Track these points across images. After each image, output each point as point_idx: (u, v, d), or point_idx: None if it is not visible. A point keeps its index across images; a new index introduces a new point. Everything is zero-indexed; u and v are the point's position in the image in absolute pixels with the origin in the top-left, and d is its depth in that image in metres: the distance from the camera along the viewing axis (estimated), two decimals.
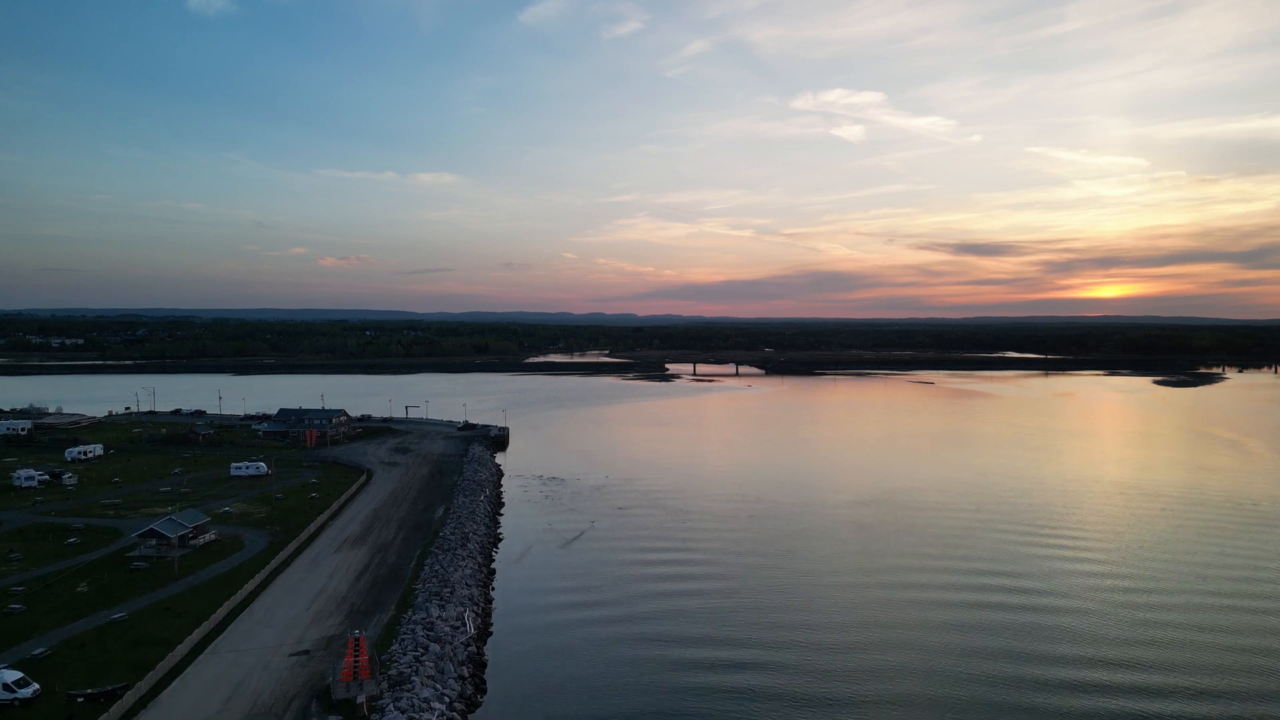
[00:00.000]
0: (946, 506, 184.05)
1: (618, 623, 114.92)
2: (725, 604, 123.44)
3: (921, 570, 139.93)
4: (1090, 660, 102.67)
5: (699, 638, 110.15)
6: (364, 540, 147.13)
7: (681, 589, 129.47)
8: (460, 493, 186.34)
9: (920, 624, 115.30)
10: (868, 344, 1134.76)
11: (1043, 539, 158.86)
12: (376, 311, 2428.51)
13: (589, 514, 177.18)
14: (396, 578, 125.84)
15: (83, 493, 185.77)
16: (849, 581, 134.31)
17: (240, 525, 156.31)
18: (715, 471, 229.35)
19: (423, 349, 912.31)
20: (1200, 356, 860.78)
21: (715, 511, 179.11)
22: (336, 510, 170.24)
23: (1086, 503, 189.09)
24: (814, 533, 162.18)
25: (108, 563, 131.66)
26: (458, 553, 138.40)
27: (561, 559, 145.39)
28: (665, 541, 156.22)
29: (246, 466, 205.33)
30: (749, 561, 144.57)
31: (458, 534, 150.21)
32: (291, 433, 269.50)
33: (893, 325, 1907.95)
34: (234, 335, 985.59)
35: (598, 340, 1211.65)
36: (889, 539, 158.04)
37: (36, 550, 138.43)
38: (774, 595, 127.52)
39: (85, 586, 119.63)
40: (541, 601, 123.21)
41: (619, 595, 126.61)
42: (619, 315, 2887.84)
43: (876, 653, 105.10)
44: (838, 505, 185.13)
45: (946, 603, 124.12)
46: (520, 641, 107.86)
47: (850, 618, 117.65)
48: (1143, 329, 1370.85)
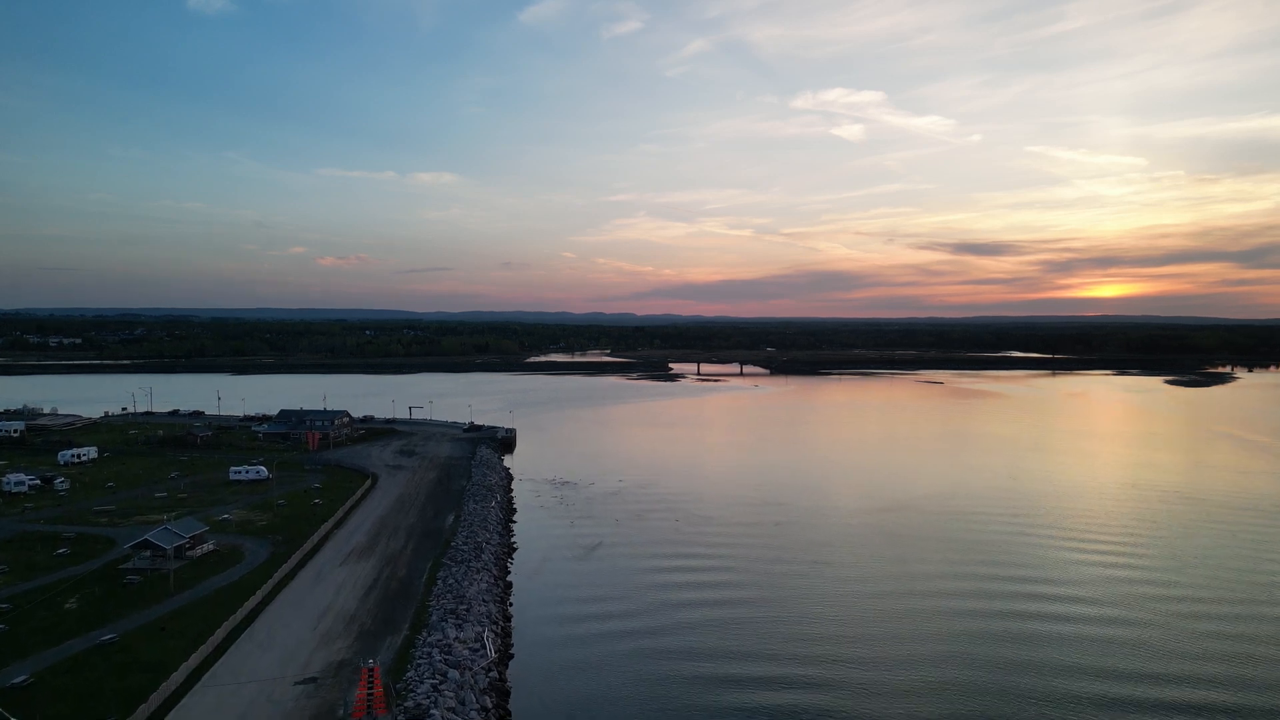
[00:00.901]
0: (980, 513, 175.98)
1: (647, 639, 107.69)
2: (759, 616, 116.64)
3: (962, 580, 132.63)
4: (1159, 677, 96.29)
5: (733, 653, 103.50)
6: (371, 551, 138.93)
7: (711, 602, 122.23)
8: (470, 498, 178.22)
9: (965, 637, 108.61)
10: (870, 343, 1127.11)
11: (1088, 548, 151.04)
12: (375, 311, 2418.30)
13: (606, 521, 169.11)
14: (408, 593, 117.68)
15: (75, 499, 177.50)
16: (885, 591, 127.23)
17: (240, 534, 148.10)
18: (732, 476, 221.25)
19: (423, 348, 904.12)
20: (1206, 356, 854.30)
21: (738, 519, 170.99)
22: (341, 518, 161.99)
23: (1127, 509, 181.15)
24: (844, 541, 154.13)
25: (99, 576, 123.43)
26: (471, 564, 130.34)
27: (581, 570, 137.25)
28: (689, 551, 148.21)
29: (246, 471, 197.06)
30: (779, 571, 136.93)
31: (470, 544, 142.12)
32: (292, 434, 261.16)
33: (893, 325, 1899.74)
34: (233, 335, 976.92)
35: (598, 340, 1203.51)
36: (924, 548, 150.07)
37: (24, 562, 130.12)
38: (808, 606, 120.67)
39: (74, 603, 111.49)
40: (564, 618, 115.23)
41: (646, 609, 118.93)
42: (618, 315, 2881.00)
43: (920, 669, 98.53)
44: (865, 512, 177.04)
45: (991, 613, 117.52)
46: (544, 664, 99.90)
47: (890, 630, 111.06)
48: (1145, 329, 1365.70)
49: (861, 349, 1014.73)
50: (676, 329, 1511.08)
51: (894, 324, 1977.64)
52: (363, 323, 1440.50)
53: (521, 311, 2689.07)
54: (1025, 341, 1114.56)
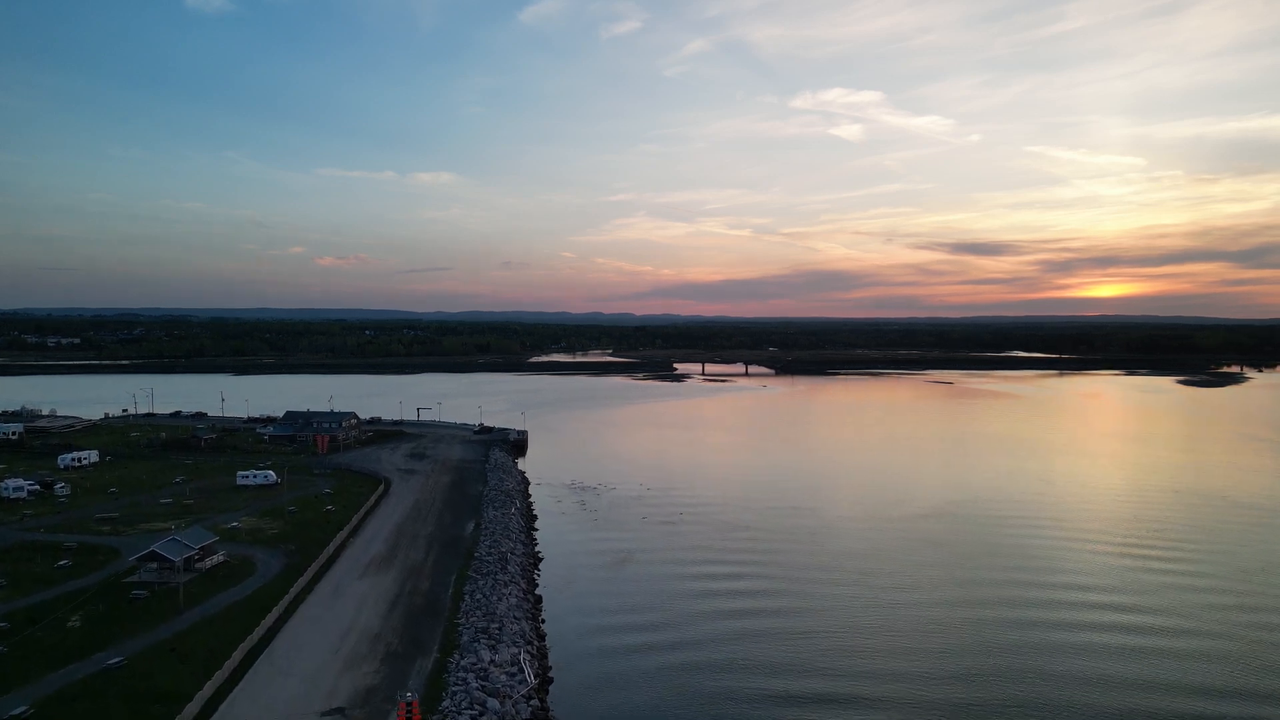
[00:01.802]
0: (1022, 519, 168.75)
1: (691, 657, 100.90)
2: (806, 627, 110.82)
3: (1013, 588, 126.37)
4: (1245, 692, 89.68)
5: (783, 668, 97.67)
6: (391, 562, 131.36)
7: (755, 614, 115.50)
8: (489, 505, 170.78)
9: (1021, 650, 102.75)
10: (872, 344, 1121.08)
11: (1141, 556, 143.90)
12: (374, 311, 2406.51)
13: (632, 529, 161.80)
14: (434, 609, 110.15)
15: (76, 505, 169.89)
16: (933, 601, 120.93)
17: (251, 544, 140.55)
18: (756, 480, 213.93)
19: (424, 348, 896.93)
20: (1211, 356, 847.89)
21: (772, 527, 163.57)
22: (356, 526, 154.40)
23: (1174, 514, 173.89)
24: (885, 550, 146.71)
25: (103, 590, 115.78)
26: (498, 577, 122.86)
27: (613, 582, 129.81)
28: (725, 561, 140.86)
29: (254, 475, 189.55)
30: (822, 582, 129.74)
31: (494, 554, 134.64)
32: (299, 437, 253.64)
33: (892, 325, 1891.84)
34: (232, 335, 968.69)
35: (599, 340, 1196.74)
36: (970, 556, 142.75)
37: (23, 574, 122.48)
38: (857, 618, 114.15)
39: (77, 620, 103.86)
40: (601, 636, 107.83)
41: (687, 625, 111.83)
42: (617, 315, 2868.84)
43: (979, 684, 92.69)
44: (903, 519, 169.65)
45: (1049, 623, 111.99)
46: (586, 689, 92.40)
47: (943, 643, 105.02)
48: (1148, 328, 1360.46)
49: (864, 349, 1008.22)
50: (678, 329, 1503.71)
51: (894, 324, 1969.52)
52: (362, 323, 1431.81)
53: (520, 311, 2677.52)
54: (1027, 341, 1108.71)
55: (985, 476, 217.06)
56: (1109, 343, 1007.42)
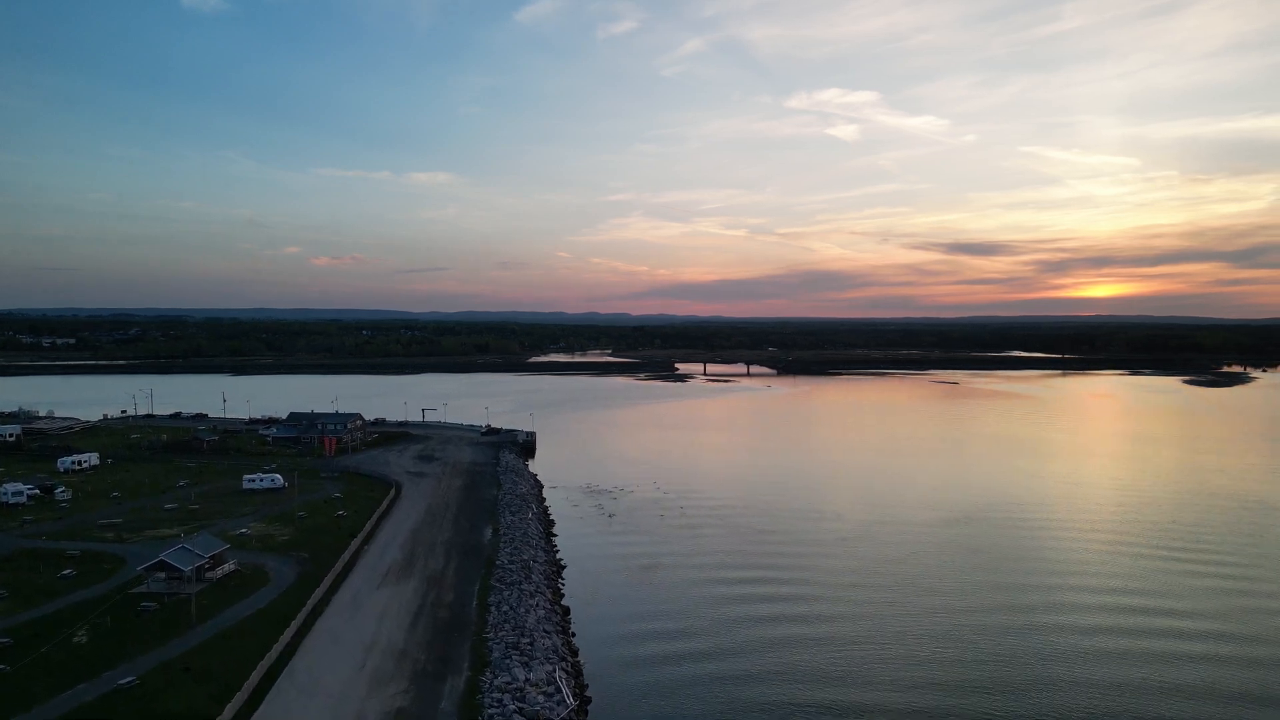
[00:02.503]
0: (1059, 524, 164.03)
1: (730, 668, 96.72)
2: (847, 635, 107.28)
3: (1058, 593, 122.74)
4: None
5: (827, 678, 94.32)
6: (410, 570, 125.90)
7: (791, 621, 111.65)
8: (505, 509, 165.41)
9: (1075, 658, 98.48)
10: (871, 344, 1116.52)
11: (1183, 561, 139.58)
12: (370, 311, 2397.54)
13: (653, 534, 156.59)
14: (460, 622, 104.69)
15: (77, 510, 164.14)
16: (977, 608, 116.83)
17: (261, 551, 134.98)
18: (776, 483, 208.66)
19: (422, 348, 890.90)
20: (1213, 356, 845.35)
21: (798, 532, 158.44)
22: (370, 532, 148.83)
23: (1215, 519, 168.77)
24: (920, 557, 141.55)
25: (110, 602, 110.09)
26: (523, 588, 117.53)
27: (642, 592, 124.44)
28: (753, 566, 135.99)
29: (260, 479, 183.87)
30: (856, 587, 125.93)
31: (517, 562, 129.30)
32: (304, 439, 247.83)
33: (888, 324, 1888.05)
34: (229, 335, 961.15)
35: (598, 339, 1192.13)
36: (1009, 564, 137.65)
37: (25, 585, 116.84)
38: (897, 625, 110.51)
39: (84, 635, 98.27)
40: (634, 648, 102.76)
41: (721, 634, 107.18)
42: (614, 315, 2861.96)
43: (1033, 693, 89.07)
44: (933, 524, 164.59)
45: (1096, 629, 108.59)
46: (626, 707, 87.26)
47: (992, 650, 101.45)
48: (1147, 328, 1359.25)
49: (864, 349, 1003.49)
50: (676, 329, 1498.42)
51: (891, 324, 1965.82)
52: (358, 323, 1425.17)
53: (517, 311, 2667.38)
54: (1027, 341, 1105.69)
55: (1011, 479, 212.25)
56: (1109, 343, 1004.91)
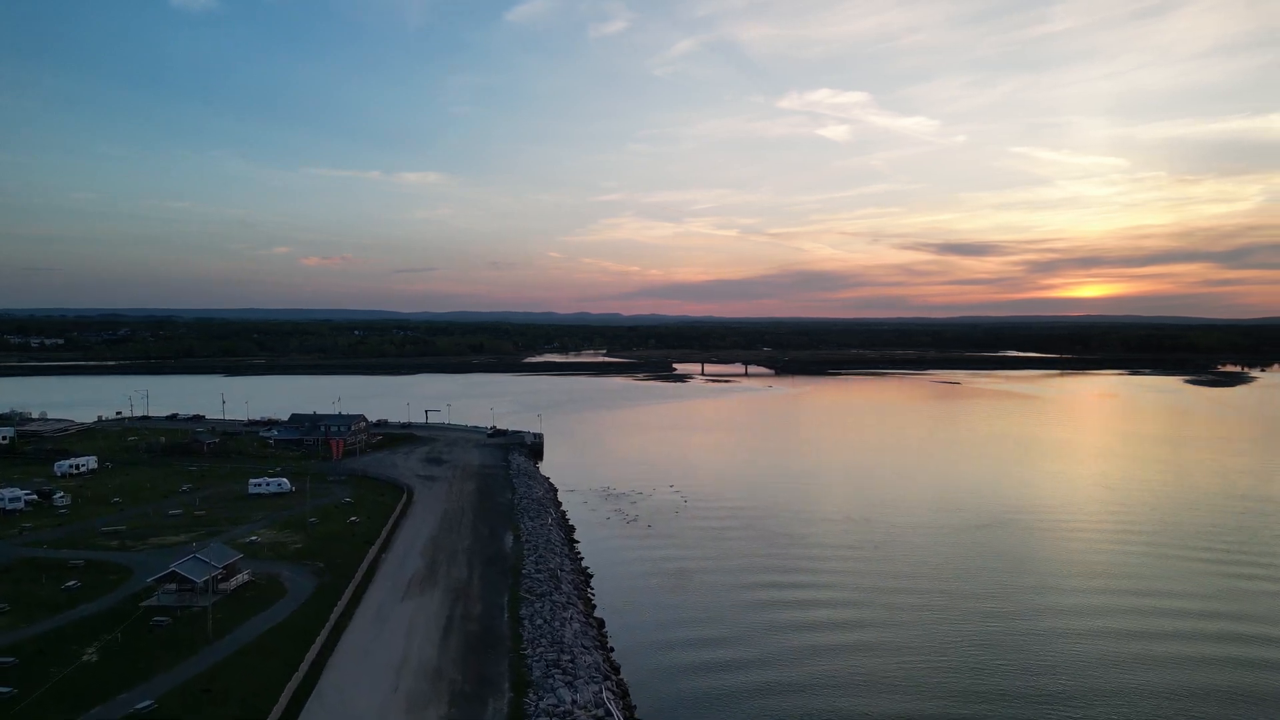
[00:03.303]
0: (1095, 529, 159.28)
1: (777, 680, 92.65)
2: (894, 643, 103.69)
3: (1108, 596, 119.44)
4: None
5: (882, 689, 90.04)
6: (433, 580, 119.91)
7: (835, 632, 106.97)
8: (524, 515, 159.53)
9: (1134, 664, 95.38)
10: (866, 343, 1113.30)
11: (1232, 564, 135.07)
12: (361, 311, 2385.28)
13: (679, 540, 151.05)
14: (493, 637, 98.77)
15: (78, 517, 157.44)
16: (1021, 612, 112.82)
17: (274, 560, 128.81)
18: (797, 486, 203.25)
19: (416, 349, 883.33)
20: (1209, 355, 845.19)
21: (827, 537, 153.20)
22: (386, 539, 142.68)
23: (1256, 523, 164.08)
24: (957, 563, 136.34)
25: (119, 616, 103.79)
26: (553, 599, 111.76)
27: (677, 603, 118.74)
28: (789, 575, 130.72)
29: (267, 483, 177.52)
30: (897, 592, 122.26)
31: (544, 571, 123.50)
32: (307, 441, 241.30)
33: (880, 325, 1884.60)
34: (220, 335, 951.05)
35: (592, 340, 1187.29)
36: (1055, 570, 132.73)
37: (28, 598, 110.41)
38: (944, 633, 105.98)
39: (94, 653, 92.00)
40: (678, 663, 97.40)
41: (765, 646, 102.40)
42: (605, 315, 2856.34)
43: (1088, 702, 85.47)
44: (964, 528, 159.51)
45: (1147, 634, 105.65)
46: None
47: (1042, 659, 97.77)
48: (1141, 328, 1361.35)
49: (859, 349, 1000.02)
50: (671, 329, 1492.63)
51: (883, 324, 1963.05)
52: (349, 323, 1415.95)
53: (508, 311, 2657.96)
54: (1022, 341, 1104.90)
55: (1039, 482, 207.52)
56: (1104, 342, 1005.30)
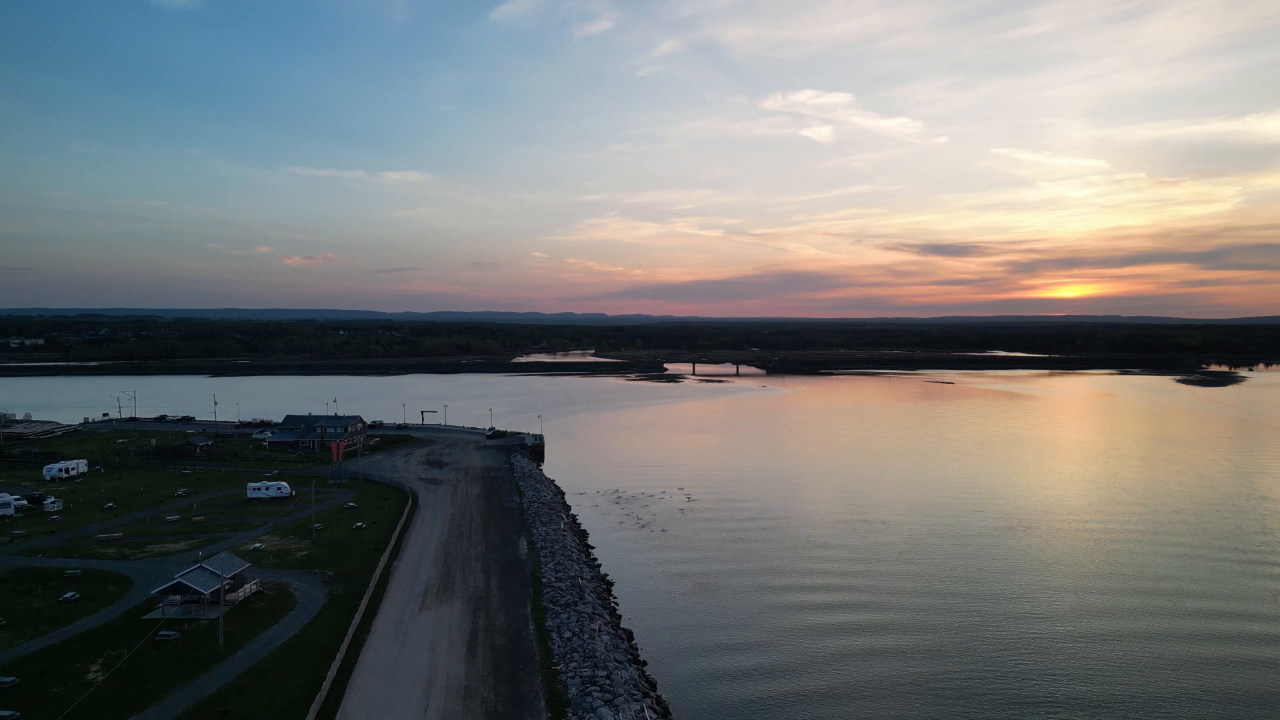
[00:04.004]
0: (1121, 531, 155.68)
1: (822, 693, 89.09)
2: (930, 648, 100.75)
3: (1144, 597, 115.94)
4: None
5: (930, 695, 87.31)
6: (449, 590, 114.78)
7: (875, 642, 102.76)
8: (535, 520, 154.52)
9: (1179, 669, 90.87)
10: (854, 343, 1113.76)
11: (1268, 568, 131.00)
12: (343, 311, 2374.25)
13: (698, 546, 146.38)
14: (521, 651, 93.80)
15: (71, 523, 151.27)
16: (1052, 615, 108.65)
17: (280, 568, 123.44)
18: (810, 489, 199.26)
19: (404, 349, 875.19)
20: (1196, 355, 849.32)
21: (849, 542, 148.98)
22: (395, 546, 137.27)
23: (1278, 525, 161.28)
24: (991, 570, 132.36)
25: (122, 630, 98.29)
26: (578, 609, 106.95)
27: (706, 612, 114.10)
28: (818, 583, 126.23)
29: (266, 487, 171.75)
30: (929, 594, 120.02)
31: (565, 580, 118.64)
32: (303, 443, 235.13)
33: (865, 324, 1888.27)
34: (203, 335, 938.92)
35: (579, 340, 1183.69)
36: (1083, 574, 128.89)
37: (24, 611, 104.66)
38: (980, 636, 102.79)
39: (99, 671, 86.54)
40: (714, 677, 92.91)
41: (804, 658, 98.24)
42: (590, 315, 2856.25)
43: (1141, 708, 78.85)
44: (988, 532, 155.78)
45: (1202, 636, 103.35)
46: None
47: (1087, 664, 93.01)
48: (1127, 328, 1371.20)
49: (846, 349, 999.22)
50: (657, 329, 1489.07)
51: (867, 324, 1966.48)
52: (331, 323, 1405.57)
53: (491, 312, 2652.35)
54: (1009, 341, 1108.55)
55: (1055, 483, 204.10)
56: (1090, 342, 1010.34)
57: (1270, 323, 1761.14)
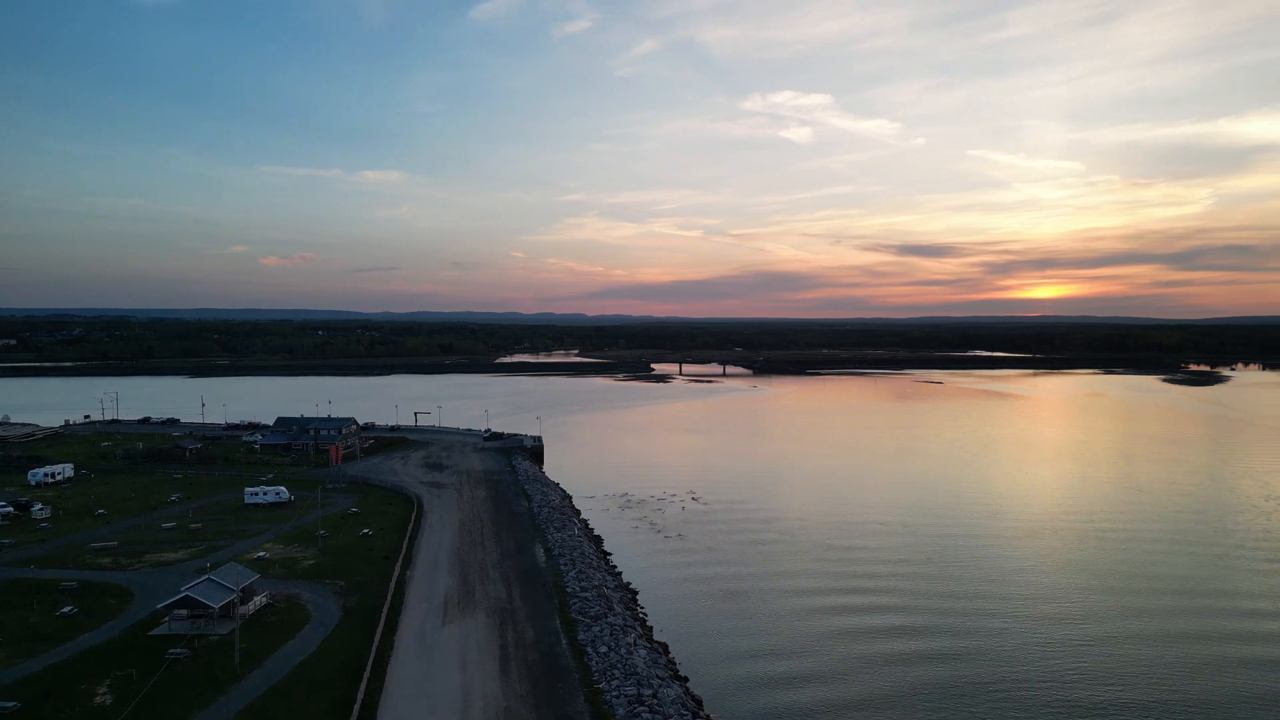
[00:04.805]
0: (1149, 536, 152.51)
1: (870, 702, 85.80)
2: (972, 651, 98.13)
3: (1186, 598, 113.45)
4: None
5: (987, 700, 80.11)
6: (470, 602, 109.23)
7: (916, 646, 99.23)
8: (549, 525, 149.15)
9: (1227, 672, 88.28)
10: (836, 343, 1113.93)
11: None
12: (321, 311, 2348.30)
13: (718, 552, 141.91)
14: (557, 667, 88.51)
15: (62, 531, 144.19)
16: (1089, 616, 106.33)
17: (288, 578, 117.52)
18: (822, 491, 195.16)
19: (386, 349, 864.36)
20: (1176, 355, 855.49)
21: (874, 548, 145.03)
22: (406, 554, 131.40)
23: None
24: (1019, 572, 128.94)
25: (127, 648, 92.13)
26: (610, 621, 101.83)
27: (739, 621, 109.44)
28: (851, 588, 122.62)
29: (264, 492, 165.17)
30: (966, 597, 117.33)
31: (590, 590, 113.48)
32: (295, 446, 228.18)
33: (844, 325, 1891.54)
34: (180, 335, 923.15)
35: (562, 340, 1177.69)
36: (1125, 578, 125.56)
37: (20, 627, 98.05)
38: (1020, 640, 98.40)
39: (106, 694, 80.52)
40: (759, 694, 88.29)
41: (848, 667, 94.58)
42: (570, 315, 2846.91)
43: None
44: (1015, 536, 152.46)
45: (1242, 637, 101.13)
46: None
47: (1131, 663, 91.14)
48: (1104, 328, 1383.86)
49: (829, 349, 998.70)
50: (640, 329, 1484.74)
51: (845, 324, 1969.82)
52: (309, 323, 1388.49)
53: (470, 312, 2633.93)
54: (989, 341, 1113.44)
55: (1062, 484, 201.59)
56: (1069, 342, 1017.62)
57: (1242, 323, 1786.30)
